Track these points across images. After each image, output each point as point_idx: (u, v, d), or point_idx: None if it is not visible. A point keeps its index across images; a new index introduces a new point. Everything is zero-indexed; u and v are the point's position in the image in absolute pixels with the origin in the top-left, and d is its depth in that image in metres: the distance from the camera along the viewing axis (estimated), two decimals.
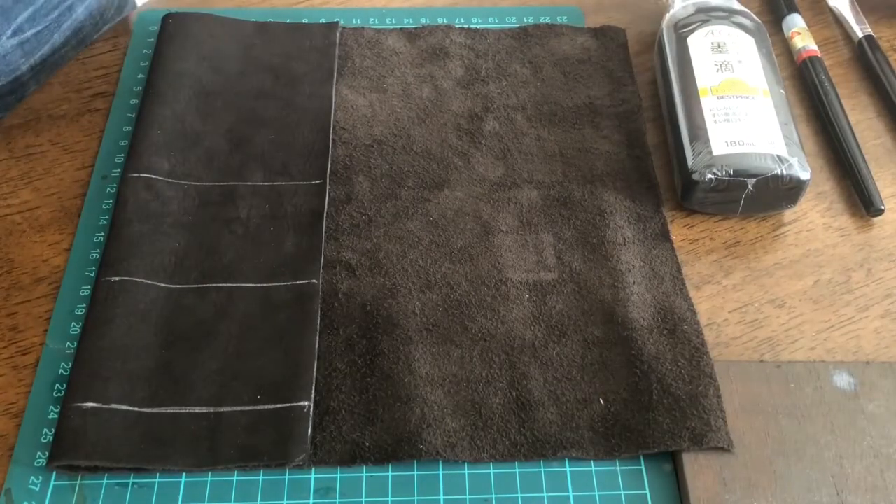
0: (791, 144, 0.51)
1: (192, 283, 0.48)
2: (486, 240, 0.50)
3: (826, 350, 0.47)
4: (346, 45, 0.61)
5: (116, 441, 0.41)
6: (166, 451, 0.41)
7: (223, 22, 0.61)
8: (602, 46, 0.61)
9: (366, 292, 0.48)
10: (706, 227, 0.53)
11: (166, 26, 0.60)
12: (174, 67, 0.57)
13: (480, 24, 0.64)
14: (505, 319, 0.47)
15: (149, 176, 0.51)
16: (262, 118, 0.56)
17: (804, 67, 0.61)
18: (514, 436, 0.43)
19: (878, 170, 0.55)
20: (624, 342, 0.46)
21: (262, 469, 0.42)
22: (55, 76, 0.60)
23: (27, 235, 0.51)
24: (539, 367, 0.45)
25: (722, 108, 0.53)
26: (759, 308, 0.49)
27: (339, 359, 0.45)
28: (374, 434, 0.43)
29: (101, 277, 0.47)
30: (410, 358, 0.45)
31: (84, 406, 0.42)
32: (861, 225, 0.53)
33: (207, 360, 0.45)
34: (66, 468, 0.41)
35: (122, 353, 0.44)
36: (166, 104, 0.55)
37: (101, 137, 0.56)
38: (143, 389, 0.43)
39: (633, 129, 0.56)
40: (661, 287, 0.48)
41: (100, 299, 0.46)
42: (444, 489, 0.42)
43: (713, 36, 0.57)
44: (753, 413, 0.43)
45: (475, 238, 0.50)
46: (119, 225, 0.49)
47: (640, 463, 0.43)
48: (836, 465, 0.41)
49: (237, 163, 0.53)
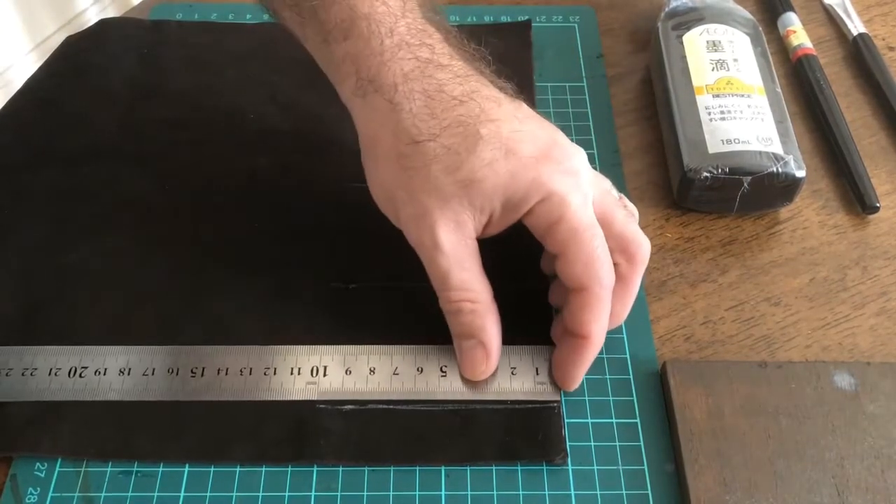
0: (786, 142, 0.51)
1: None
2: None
3: (822, 348, 0.47)
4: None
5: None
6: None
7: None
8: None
9: None
10: (702, 225, 0.53)
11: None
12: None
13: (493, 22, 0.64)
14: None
15: None
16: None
17: (799, 66, 0.61)
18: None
19: (874, 167, 0.55)
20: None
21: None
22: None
23: None
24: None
25: (717, 106, 0.53)
26: (755, 306, 0.49)
27: None
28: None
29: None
30: None
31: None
32: (856, 223, 0.53)
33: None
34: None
35: None
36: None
37: None
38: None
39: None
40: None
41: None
42: (445, 485, 0.42)
43: (709, 34, 0.57)
44: (754, 413, 0.43)
45: None
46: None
47: (642, 463, 0.42)
48: (837, 466, 0.41)
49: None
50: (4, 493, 0.41)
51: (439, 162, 0.41)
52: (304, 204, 0.52)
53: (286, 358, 0.45)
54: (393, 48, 0.43)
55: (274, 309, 0.47)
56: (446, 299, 0.43)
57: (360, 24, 0.43)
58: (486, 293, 0.43)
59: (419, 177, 0.41)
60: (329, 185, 0.53)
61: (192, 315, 0.47)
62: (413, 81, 0.42)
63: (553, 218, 0.41)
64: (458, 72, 0.43)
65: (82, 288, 0.48)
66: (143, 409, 0.43)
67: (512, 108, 0.43)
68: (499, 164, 0.41)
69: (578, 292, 0.42)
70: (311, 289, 0.48)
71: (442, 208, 0.41)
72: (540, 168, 0.41)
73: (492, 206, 0.42)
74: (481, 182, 0.41)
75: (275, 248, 0.50)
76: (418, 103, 0.42)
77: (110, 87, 0.58)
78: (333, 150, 0.54)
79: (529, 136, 0.42)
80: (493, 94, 0.43)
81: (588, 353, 0.43)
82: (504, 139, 0.41)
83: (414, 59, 0.43)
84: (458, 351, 0.44)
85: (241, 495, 0.41)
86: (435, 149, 0.41)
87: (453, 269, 0.42)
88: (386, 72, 0.43)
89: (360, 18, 0.43)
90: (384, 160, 0.43)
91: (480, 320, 0.43)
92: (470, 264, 0.42)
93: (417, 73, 0.43)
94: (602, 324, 0.42)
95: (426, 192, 0.41)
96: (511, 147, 0.41)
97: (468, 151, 0.41)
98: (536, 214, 0.42)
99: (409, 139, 0.42)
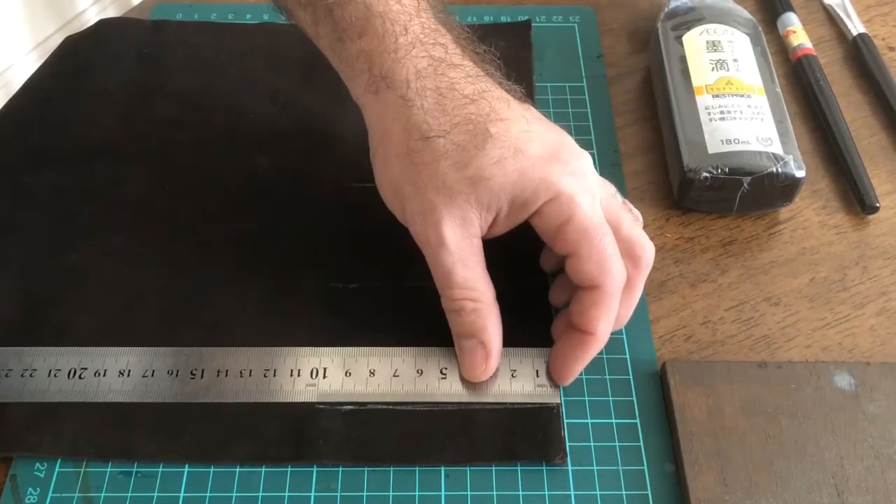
0: (786, 142, 0.51)
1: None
2: None
3: (822, 348, 0.47)
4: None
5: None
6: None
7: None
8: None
9: None
10: (702, 225, 0.53)
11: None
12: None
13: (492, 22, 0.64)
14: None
15: None
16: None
17: (799, 66, 0.61)
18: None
19: (873, 167, 0.55)
20: None
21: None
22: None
23: None
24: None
25: (717, 106, 0.53)
26: (755, 306, 0.49)
27: None
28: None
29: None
30: None
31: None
32: (856, 223, 0.53)
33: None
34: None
35: None
36: None
37: None
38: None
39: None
40: None
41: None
42: (445, 485, 0.42)
43: (708, 34, 0.57)
44: (754, 413, 0.43)
45: None
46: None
47: (642, 463, 0.42)
48: (837, 466, 0.41)
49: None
50: (4, 493, 0.41)
51: (448, 158, 0.41)
52: (304, 204, 0.52)
53: (286, 360, 0.45)
54: (407, 46, 0.43)
55: (274, 308, 0.47)
56: (448, 297, 0.43)
57: (375, 21, 0.43)
58: (489, 293, 0.43)
59: (427, 172, 0.41)
60: (329, 185, 0.53)
61: (192, 315, 0.47)
62: (425, 79, 0.43)
63: (563, 218, 0.41)
64: (470, 71, 0.44)
65: (82, 288, 0.48)
66: (143, 409, 0.43)
67: (521, 110, 0.43)
68: (507, 162, 0.41)
69: (590, 290, 0.42)
70: (311, 289, 0.48)
71: (448, 205, 0.41)
72: (548, 168, 0.41)
73: (499, 204, 0.42)
74: (489, 180, 0.41)
75: (275, 248, 0.50)
76: (430, 100, 0.42)
77: (110, 86, 0.58)
78: (333, 150, 0.54)
79: (538, 137, 0.42)
80: (502, 95, 0.43)
81: (591, 350, 0.43)
82: (513, 138, 0.41)
83: (427, 58, 0.43)
84: (458, 351, 0.44)
85: (241, 495, 0.41)
86: (445, 145, 0.41)
87: (457, 267, 0.42)
88: (399, 69, 0.43)
89: (376, 17, 0.43)
90: (394, 155, 0.43)
91: (482, 320, 0.43)
92: (474, 263, 0.42)
93: (430, 70, 0.43)
94: (609, 322, 0.42)
95: (434, 187, 0.41)
96: (520, 146, 0.41)
97: (477, 149, 0.41)
98: (545, 215, 0.42)
99: (420, 134, 0.42)
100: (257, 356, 0.45)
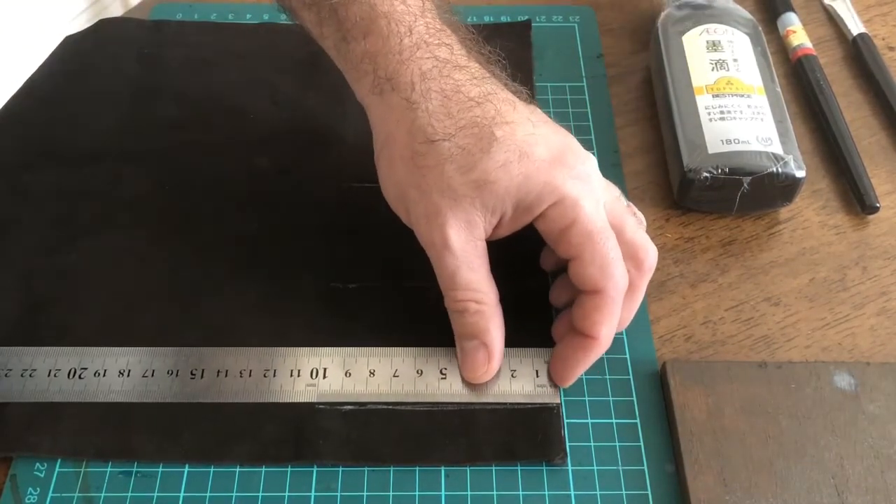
0: (786, 142, 0.51)
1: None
2: None
3: (822, 348, 0.47)
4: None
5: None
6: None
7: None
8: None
9: None
10: (702, 225, 0.53)
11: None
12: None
13: (493, 22, 0.64)
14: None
15: None
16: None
17: (799, 66, 0.61)
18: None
19: (873, 167, 0.55)
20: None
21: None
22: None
23: None
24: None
25: (717, 106, 0.53)
26: (755, 306, 0.49)
27: None
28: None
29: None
30: None
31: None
32: (856, 223, 0.53)
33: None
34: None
35: None
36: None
37: None
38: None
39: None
40: None
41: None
42: (445, 485, 0.42)
43: (708, 34, 0.57)
44: (754, 413, 0.43)
45: None
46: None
47: (642, 463, 0.42)
48: (837, 466, 0.41)
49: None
50: (4, 493, 0.41)
51: (453, 161, 0.41)
52: (304, 204, 0.52)
53: (286, 360, 0.45)
54: (412, 47, 0.43)
55: (274, 308, 0.47)
56: (452, 299, 0.43)
57: (379, 22, 0.43)
58: (493, 295, 0.43)
59: (432, 175, 0.41)
60: (329, 185, 0.53)
61: (192, 315, 0.47)
62: (430, 81, 0.42)
63: (566, 221, 0.41)
64: (475, 73, 0.44)
65: (82, 288, 0.48)
66: (143, 409, 0.43)
67: (527, 112, 0.43)
68: (512, 166, 0.41)
69: (592, 294, 0.42)
70: (311, 289, 0.48)
71: (453, 208, 0.41)
72: (553, 172, 0.41)
73: (503, 207, 0.42)
74: (494, 183, 0.41)
75: (275, 248, 0.50)
76: (435, 102, 0.42)
77: (110, 86, 0.58)
78: (334, 151, 0.54)
79: (543, 140, 0.42)
80: (508, 97, 0.43)
81: (593, 354, 0.43)
82: (518, 142, 0.41)
83: (432, 59, 0.43)
84: (459, 352, 0.44)
85: (241, 495, 0.41)
86: (450, 148, 0.41)
87: (461, 269, 0.42)
88: (404, 70, 0.43)
89: (380, 17, 0.43)
90: (398, 158, 0.43)
91: (485, 322, 0.43)
92: (478, 265, 0.42)
93: (435, 72, 0.43)
94: (612, 326, 0.42)
95: (439, 191, 0.41)
96: (525, 150, 0.41)
97: (482, 152, 0.41)
98: (549, 218, 0.42)
99: (425, 138, 0.42)
100: (257, 356, 0.45)
